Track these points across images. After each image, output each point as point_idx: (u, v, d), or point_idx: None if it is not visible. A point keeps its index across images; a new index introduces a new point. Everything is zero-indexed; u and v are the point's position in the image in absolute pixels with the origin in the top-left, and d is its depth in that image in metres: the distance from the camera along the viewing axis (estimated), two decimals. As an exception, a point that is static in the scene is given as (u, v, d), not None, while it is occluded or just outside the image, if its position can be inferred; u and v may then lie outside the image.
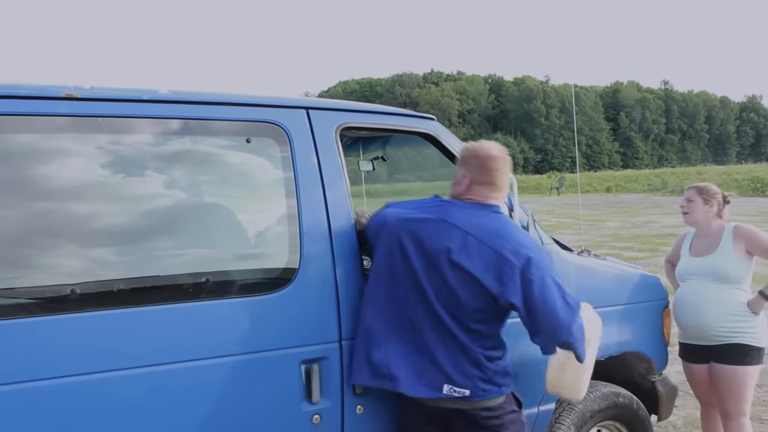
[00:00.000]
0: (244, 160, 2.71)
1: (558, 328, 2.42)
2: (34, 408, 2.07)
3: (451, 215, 2.50)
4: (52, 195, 2.24)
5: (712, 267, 3.69)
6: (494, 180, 2.58)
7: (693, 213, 3.82)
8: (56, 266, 2.23)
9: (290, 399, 2.48)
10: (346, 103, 2.96)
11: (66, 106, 2.25)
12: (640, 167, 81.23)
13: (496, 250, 2.41)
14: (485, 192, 2.58)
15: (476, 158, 2.60)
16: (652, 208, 24.95)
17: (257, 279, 2.60)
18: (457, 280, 2.41)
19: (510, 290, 2.38)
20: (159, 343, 2.26)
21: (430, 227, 2.49)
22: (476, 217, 2.51)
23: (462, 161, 2.67)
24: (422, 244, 2.47)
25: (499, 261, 2.40)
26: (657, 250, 13.63)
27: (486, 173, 2.58)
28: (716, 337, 3.66)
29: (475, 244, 2.42)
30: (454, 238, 2.44)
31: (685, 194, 3.90)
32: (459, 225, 2.46)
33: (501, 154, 2.61)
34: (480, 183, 2.58)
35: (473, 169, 2.59)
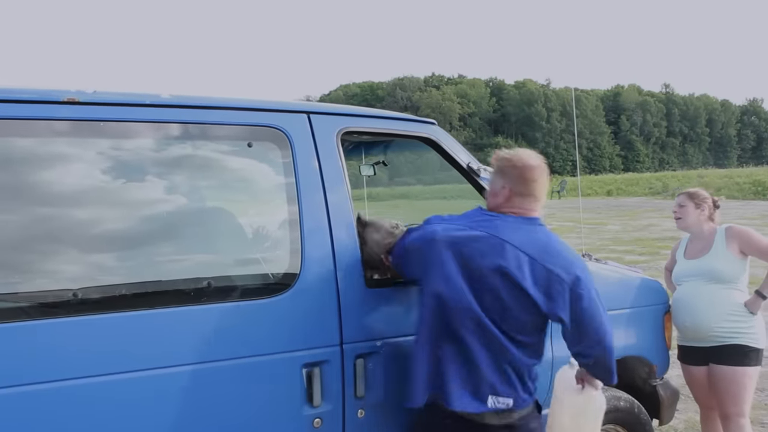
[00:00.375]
0: (246, 165, 2.71)
1: (602, 339, 2.46)
2: (37, 411, 2.07)
3: (501, 231, 2.44)
4: (54, 200, 2.24)
5: (706, 268, 3.73)
6: (534, 191, 2.53)
7: (685, 218, 3.89)
8: (58, 270, 2.23)
9: (291, 402, 2.48)
10: (347, 108, 2.96)
11: (68, 110, 2.26)
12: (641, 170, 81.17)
13: (547, 267, 2.40)
14: (525, 204, 2.53)
15: (515, 168, 2.54)
16: (653, 212, 24.94)
17: (258, 283, 2.60)
18: (510, 296, 2.38)
19: (559, 306, 2.40)
20: (160, 347, 2.26)
21: (481, 244, 2.43)
22: (525, 233, 2.47)
23: (500, 171, 2.60)
24: (474, 261, 2.41)
25: (549, 277, 2.39)
26: (658, 253, 13.62)
27: (525, 184, 2.52)
28: (714, 338, 3.67)
29: (526, 260, 2.39)
30: (507, 255, 2.39)
31: (677, 200, 3.98)
32: (510, 241, 2.42)
33: (539, 164, 2.57)
34: (520, 194, 2.53)
35: (512, 180, 2.54)
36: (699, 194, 3.91)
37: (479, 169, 3.10)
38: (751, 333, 3.63)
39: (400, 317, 2.73)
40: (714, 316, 3.65)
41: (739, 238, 3.72)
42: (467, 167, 3.07)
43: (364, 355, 2.62)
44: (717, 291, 3.68)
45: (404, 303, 2.75)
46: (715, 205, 3.91)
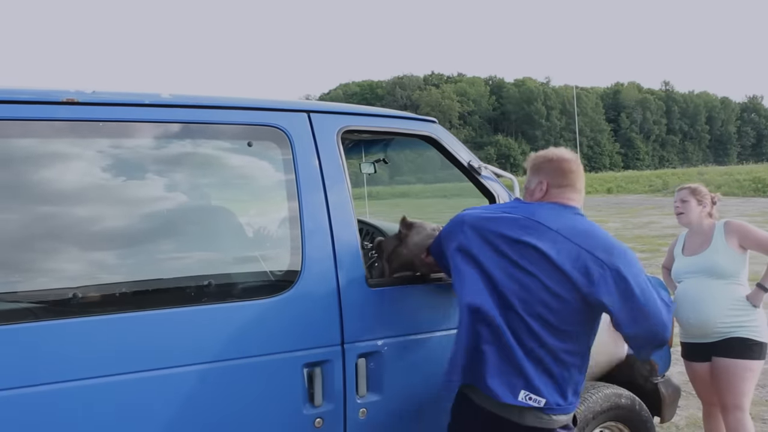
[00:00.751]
0: (246, 164, 2.71)
1: (657, 326, 2.30)
2: (38, 413, 2.07)
3: (537, 215, 2.40)
4: (54, 200, 2.24)
5: (706, 263, 3.74)
6: (572, 182, 2.50)
7: (688, 213, 3.90)
8: (59, 270, 2.23)
9: (292, 402, 2.47)
10: (347, 106, 2.96)
11: (67, 110, 2.25)
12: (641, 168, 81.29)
13: (587, 250, 2.29)
14: (565, 194, 2.49)
15: (550, 162, 2.53)
16: (654, 209, 24.94)
17: (259, 282, 2.59)
18: (546, 276, 2.29)
19: (602, 290, 2.25)
20: (161, 347, 2.26)
21: (515, 224, 2.38)
22: (563, 218, 2.40)
23: (535, 169, 2.57)
24: (504, 240, 2.36)
25: (588, 260, 2.27)
26: (658, 250, 13.62)
27: (563, 176, 2.50)
28: (718, 333, 3.68)
29: (563, 241, 2.31)
30: (543, 236, 2.33)
31: (679, 195, 3.98)
32: (546, 223, 2.36)
33: (574, 157, 2.56)
34: (558, 186, 2.49)
35: (549, 173, 2.51)
36: (701, 190, 3.93)
37: (480, 168, 3.09)
38: (753, 326, 3.64)
39: (402, 317, 2.73)
40: (718, 311, 3.66)
41: (737, 232, 3.73)
42: (468, 165, 3.07)
43: (365, 354, 2.61)
44: (719, 286, 3.69)
45: (406, 302, 2.75)
46: (713, 201, 3.93)
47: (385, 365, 2.65)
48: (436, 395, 2.65)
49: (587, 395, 3.26)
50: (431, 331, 2.78)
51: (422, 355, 2.75)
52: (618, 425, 3.43)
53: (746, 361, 3.62)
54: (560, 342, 2.30)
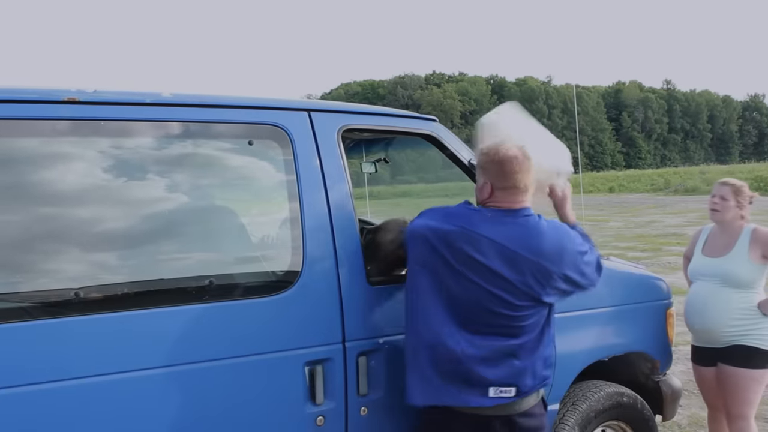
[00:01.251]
0: (247, 163, 2.71)
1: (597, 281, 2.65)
2: (39, 411, 2.07)
3: (476, 225, 2.42)
4: (55, 199, 2.24)
5: (723, 270, 3.60)
6: (516, 182, 2.47)
7: (724, 212, 3.68)
8: (60, 270, 2.23)
9: (294, 401, 2.48)
10: (348, 105, 2.96)
11: (68, 109, 2.26)
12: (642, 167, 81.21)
13: (532, 260, 2.40)
14: (508, 197, 2.49)
15: (493, 163, 2.49)
16: (655, 208, 24.93)
17: (260, 281, 2.60)
18: (495, 285, 2.38)
19: (551, 294, 2.47)
20: (162, 346, 2.26)
21: (460, 237, 2.40)
22: (504, 225, 2.44)
23: (480, 167, 2.56)
24: (455, 253, 2.40)
25: (536, 269, 2.40)
26: (660, 249, 13.62)
27: (506, 177, 2.47)
28: (723, 340, 3.61)
29: (506, 252, 2.39)
30: (482, 248, 2.38)
31: (719, 190, 3.71)
32: (486, 235, 2.40)
33: (517, 154, 2.49)
34: (502, 188, 2.48)
35: (492, 175, 2.50)
36: (743, 191, 3.69)
37: (481, 166, 3.09)
38: (759, 334, 3.53)
39: (403, 314, 2.72)
40: (724, 320, 3.57)
41: (762, 242, 3.56)
42: (469, 164, 3.07)
43: (366, 352, 2.62)
44: (731, 295, 3.57)
45: (406, 300, 2.74)
46: (749, 202, 3.72)
47: (386, 363, 2.66)
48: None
49: (589, 394, 3.26)
50: (432, 329, 2.77)
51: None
52: (620, 424, 3.43)
53: (750, 370, 3.54)
54: (516, 339, 2.44)
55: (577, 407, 3.22)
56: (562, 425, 3.18)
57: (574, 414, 3.20)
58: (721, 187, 3.72)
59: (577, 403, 3.22)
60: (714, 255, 3.70)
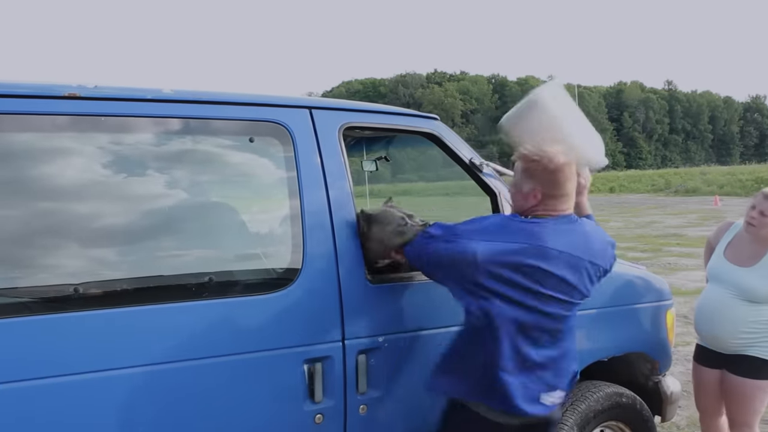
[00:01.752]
0: (248, 160, 2.71)
1: None
2: (37, 406, 2.07)
3: (542, 239, 2.35)
4: (56, 194, 2.24)
5: (743, 283, 3.45)
6: (568, 191, 2.46)
7: (761, 228, 3.43)
8: (60, 265, 2.23)
9: (293, 398, 2.48)
10: (349, 103, 2.95)
11: (69, 105, 2.25)
12: (643, 167, 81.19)
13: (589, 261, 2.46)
14: (560, 205, 2.45)
15: (545, 171, 2.43)
16: (656, 209, 24.95)
17: (260, 278, 2.59)
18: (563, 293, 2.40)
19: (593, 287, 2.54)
20: (161, 342, 2.26)
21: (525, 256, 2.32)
22: (566, 234, 2.42)
23: (528, 173, 2.47)
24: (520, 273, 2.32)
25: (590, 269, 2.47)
26: (660, 250, 13.62)
27: (559, 186, 2.43)
28: (730, 348, 3.53)
29: (569, 259, 2.39)
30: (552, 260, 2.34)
31: (760, 205, 3.43)
32: (555, 247, 2.35)
33: (568, 160, 2.46)
34: (552, 197, 2.44)
35: (544, 182, 2.43)
36: None
37: (482, 165, 3.09)
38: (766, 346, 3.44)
39: (403, 313, 2.73)
40: (733, 331, 3.48)
41: None
42: (470, 163, 3.06)
43: (366, 350, 2.61)
44: (744, 307, 3.45)
45: (407, 299, 2.74)
46: None
47: (385, 361, 2.65)
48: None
49: (588, 394, 3.26)
50: (432, 327, 2.77)
51: (423, 351, 2.75)
52: (619, 424, 3.43)
53: (757, 381, 3.46)
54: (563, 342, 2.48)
55: (576, 407, 3.21)
56: (561, 425, 3.17)
57: (573, 414, 3.20)
58: (761, 201, 3.45)
59: (576, 403, 3.22)
60: (737, 263, 3.52)
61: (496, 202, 3.08)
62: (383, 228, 2.61)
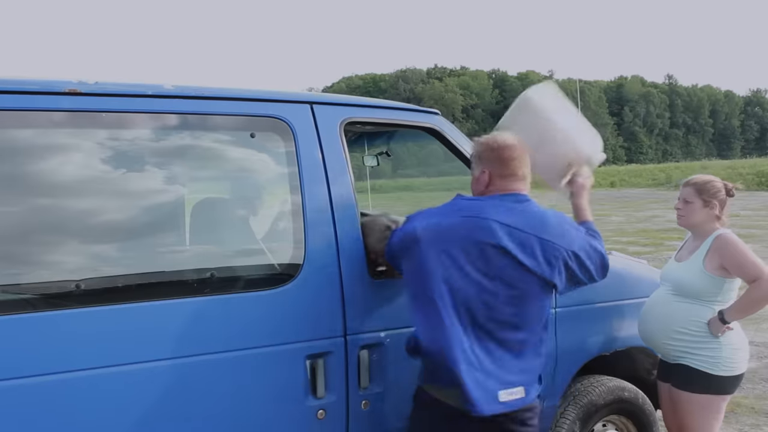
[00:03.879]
0: (249, 155, 2.70)
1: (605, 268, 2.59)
2: (38, 403, 2.07)
3: (485, 212, 2.37)
4: (56, 191, 2.24)
5: (677, 277, 3.23)
6: (514, 170, 2.47)
7: (689, 216, 3.24)
8: (61, 261, 2.23)
9: (295, 394, 2.48)
10: (350, 98, 2.95)
11: (70, 101, 2.25)
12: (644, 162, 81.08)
13: (541, 237, 2.37)
14: (508, 184, 2.47)
15: (492, 151, 2.49)
16: (657, 203, 24.92)
17: (262, 274, 2.59)
18: (508, 272, 2.33)
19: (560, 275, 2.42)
20: (163, 339, 2.26)
21: (466, 230, 2.34)
22: (510, 210, 2.39)
23: (477, 157, 2.54)
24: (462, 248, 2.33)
25: (548, 248, 2.37)
26: (662, 244, 13.62)
27: (505, 164, 2.46)
28: (669, 355, 3.24)
29: (517, 234, 2.34)
30: (496, 233, 2.33)
31: (682, 193, 3.27)
32: (496, 219, 2.34)
33: (516, 142, 2.50)
34: (500, 176, 2.47)
35: (491, 162, 2.48)
36: (710, 188, 3.20)
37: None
38: (703, 355, 3.10)
39: (405, 308, 2.72)
40: (666, 332, 3.19)
41: (720, 250, 3.10)
42: (470, 158, 3.06)
43: (368, 346, 2.61)
44: (678, 304, 3.17)
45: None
46: (728, 194, 3.22)
47: (387, 357, 2.65)
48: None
49: (591, 388, 3.26)
50: (434, 323, 2.76)
51: (425, 347, 2.74)
52: (621, 419, 3.43)
53: (693, 395, 3.13)
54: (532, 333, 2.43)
55: (579, 401, 3.22)
56: (564, 419, 3.18)
57: (576, 408, 3.20)
58: (682, 188, 3.29)
59: (578, 397, 3.22)
60: (680, 260, 3.32)
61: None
62: (369, 237, 2.66)
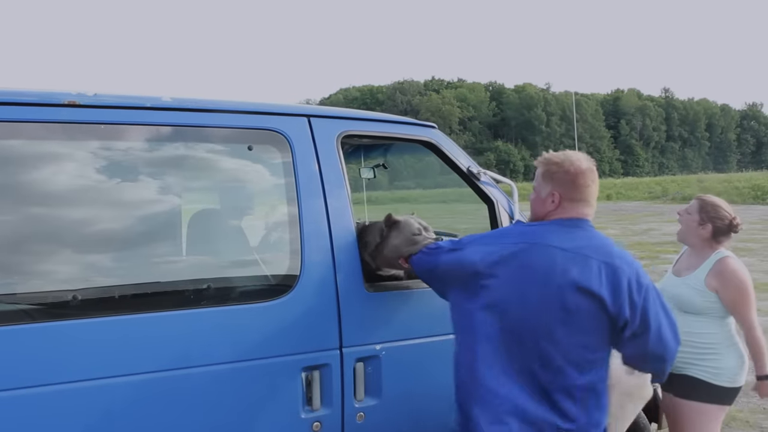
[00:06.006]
0: (246, 168, 2.72)
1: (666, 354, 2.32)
2: (36, 414, 2.07)
3: (547, 238, 2.25)
4: (54, 202, 2.25)
5: (677, 293, 3.30)
6: (587, 196, 2.35)
7: (682, 226, 3.41)
8: (59, 272, 2.23)
9: (290, 406, 2.47)
10: (347, 111, 2.97)
11: (69, 113, 2.26)
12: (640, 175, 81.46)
13: (608, 262, 2.22)
14: (578, 209, 2.34)
15: (566, 174, 2.33)
16: (653, 216, 24.98)
17: (258, 286, 2.60)
18: (576, 304, 2.17)
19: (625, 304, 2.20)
20: (159, 350, 2.26)
21: (527, 258, 2.22)
22: (575, 236, 2.28)
23: (548, 176, 2.37)
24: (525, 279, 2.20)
25: (613, 272, 2.21)
26: (657, 257, 13.63)
27: (578, 190, 2.33)
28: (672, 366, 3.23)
29: (583, 260, 2.20)
30: (557, 260, 2.20)
31: (690, 204, 3.42)
32: (560, 246, 2.22)
33: (591, 167, 2.38)
34: (570, 200, 2.33)
35: (563, 185, 2.33)
36: (712, 210, 3.29)
37: (479, 173, 3.10)
38: (705, 366, 3.20)
39: (401, 321, 2.73)
40: None
41: (722, 278, 3.19)
42: (467, 171, 3.07)
43: (364, 358, 2.62)
44: (682, 319, 3.07)
45: (404, 307, 2.75)
46: (731, 229, 3.28)
47: (383, 370, 2.65)
48: (434, 400, 2.66)
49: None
50: (429, 335, 2.77)
51: (420, 359, 2.75)
52: (616, 432, 3.42)
53: (695, 403, 3.22)
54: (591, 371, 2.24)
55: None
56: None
57: (571, 422, 3.20)
58: (694, 199, 3.43)
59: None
60: (677, 274, 3.42)
61: (494, 210, 3.09)
62: (400, 234, 2.61)
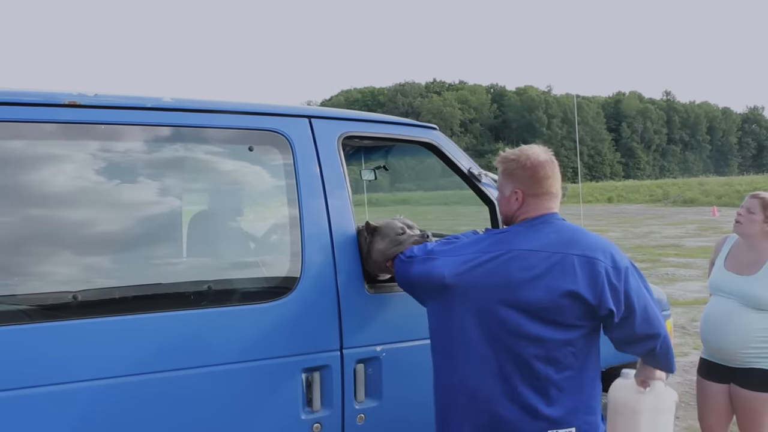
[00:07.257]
0: (247, 168, 2.71)
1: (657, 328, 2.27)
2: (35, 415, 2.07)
3: (516, 243, 2.20)
4: (54, 202, 2.25)
5: (747, 291, 3.38)
6: (548, 188, 2.30)
7: (748, 226, 3.44)
8: (60, 273, 2.23)
9: (290, 407, 2.47)
10: (348, 112, 2.97)
11: (69, 113, 2.26)
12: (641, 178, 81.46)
13: (581, 255, 2.16)
14: (543, 204, 2.29)
15: (524, 169, 2.30)
16: (654, 219, 24.98)
17: (258, 287, 2.59)
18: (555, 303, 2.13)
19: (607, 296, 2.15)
20: (159, 351, 2.26)
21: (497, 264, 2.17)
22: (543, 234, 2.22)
23: (507, 174, 2.35)
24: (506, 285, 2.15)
25: (589, 265, 2.15)
26: (658, 260, 13.64)
27: (539, 183, 2.29)
28: (739, 361, 3.42)
29: (556, 258, 2.15)
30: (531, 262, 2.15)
31: (747, 203, 3.48)
32: (529, 248, 2.18)
33: (549, 158, 2.33)
34: (534, 195, 2.29)
35: (524, 181, 2.29)
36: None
37: (480, 175, 3.09)
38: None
39: (401, 323, 2.72)
40: (742, 342, 3.37)
41: None
42: (468, 173, 3.07)
43: (364, 360, 2.61)
44: (752, 316, 3.36)
45: (405, 309, 2.74)
46: None
47: (383, 371, 2.65)
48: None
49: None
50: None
51: (421, 361, 2.74)
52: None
53: (764, 394, 3.36)
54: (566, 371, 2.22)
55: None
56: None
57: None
58: (750, 199, 3.50)
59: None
60: (739, 272, 3.48)
61: (495, 212, 3.08)
62: (384, 238, 2.59)
